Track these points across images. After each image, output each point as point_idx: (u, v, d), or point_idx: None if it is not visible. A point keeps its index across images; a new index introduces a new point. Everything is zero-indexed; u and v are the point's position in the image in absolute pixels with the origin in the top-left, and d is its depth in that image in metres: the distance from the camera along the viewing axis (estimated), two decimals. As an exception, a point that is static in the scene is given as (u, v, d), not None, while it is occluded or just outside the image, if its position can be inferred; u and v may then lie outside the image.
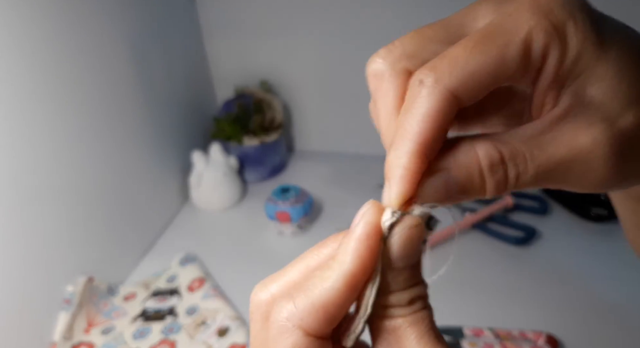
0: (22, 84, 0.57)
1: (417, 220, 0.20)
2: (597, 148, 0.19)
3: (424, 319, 0.20)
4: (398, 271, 0.20)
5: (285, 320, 0.20)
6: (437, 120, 0.19)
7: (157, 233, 0.87)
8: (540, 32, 0.19)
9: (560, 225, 0.83)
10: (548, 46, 0.19)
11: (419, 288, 0.21)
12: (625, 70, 0.20)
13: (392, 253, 0.20)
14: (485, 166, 0.20)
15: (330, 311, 0.19)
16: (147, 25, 0.81)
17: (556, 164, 0.20)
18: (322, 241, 0.23)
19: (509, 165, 0.20)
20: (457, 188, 0.20)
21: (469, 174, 0.20)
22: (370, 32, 0.91)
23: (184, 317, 0.70)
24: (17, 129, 0.57)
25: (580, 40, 0.19)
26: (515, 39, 0.19)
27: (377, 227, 0.20)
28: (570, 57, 0.20)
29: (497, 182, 0.20)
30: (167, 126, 0.89)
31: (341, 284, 0.19)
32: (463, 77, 0.19)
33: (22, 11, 0.56)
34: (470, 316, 0.67)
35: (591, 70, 0.20)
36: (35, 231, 0.61)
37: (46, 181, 0.62)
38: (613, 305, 0.68)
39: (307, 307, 0.19)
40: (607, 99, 0.20)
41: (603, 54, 0.20)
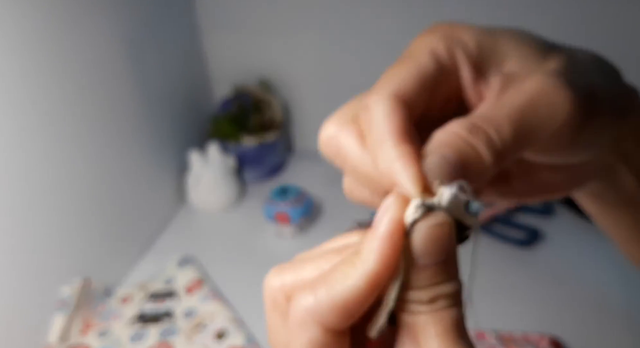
0: (15, 83, 0.56)
1: (442, 217, 0.19)
2: (545, 86, 0.22)
3: (445, 318, 0.20)
4: (420, 269, 0.20)
5: (305, 313, 0.20)
6: (398, 114, 0.21)
7: (154, 234, 0.86)
8: (439, 43, 0.23)
9: (564, 227, 0.82)
10: (450, 47, 0.23)
11: (445, 286, 0.20)
12: (521, 41, 0.23)
13: (415, 250, 0.19)
14: (466, 133, 0.20)
15: (350, 308, 0.19)
16: (143, 22, 0.80)
17: (522, 110, 0.21)
18: (344, 235, 0.23)
19: (484, 127, 0.21)
20: (457, 161, 0.20)
21: (456, 146, 0.20)
22: (369, 31, 0.91)
23: (182, 319, 0.69)
24: (10, 130, 0.56)
25: (471, 34, 0.23)
26: (423, 52, 0.23)
27: (400, 223, 0.19)
28: (472, 47, 0.23)
29: (485, 143, 0.20)
30: (163, 125, 0.88)
31: (363, 283, 0.19)
32: (397, 84, 0.22)
33: (16, 9, 0.55)
34: (473, 318, 0.66)
35: (497, 52, 0.23)
36: (31, 233, 0.60)
37: (41, 182, 0.61)
38: (617, 308, 0.67)
39: (328, 302, 0.19)
40: (524, 65, 0.23)
41: (496, 37, 0.23)
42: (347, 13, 0.90)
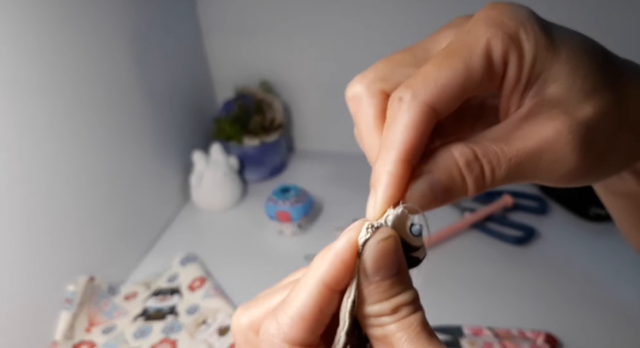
0: (23, 85, 0.56)
1: (387, 232, 0.21)
2: (561, 138, 0.21)
3: (412, 323, 0.21)
4: (377, 284, 0.21)
5: (272, 337, 0.21)
6: (418, 130, 0.21)
7: (158, 233, 0.87)
8: (498, 42, 0.21)
9: (559, 225, 0.82)
10: (506, 52, 0.21)
11: (403, 296, 0.21)
12: (577, 67, 0.22)
13: (366, 268, 0.20)
14: (463, 164, 0.21)
15: (308, 319, 0.20)
16: (147, 26, 0.80)
17: (525, 157, 0.21)
18: (300, 270, 0.24)
19: (483, 162, 0.21)
20: (442, 188, 0.21)
21: (450, 174, 0.21)
22: (370, 33, 0.91)
23: (185, 316, 0.70)
24: (19, 129, 0.56)
25: (533, 44, 0.21)
26: (477, 51, 0.21)
27: (354, 243, 0.21)
28: (527, 60, 0.21)
29: (475, 178, 0.21)
30: (168, 126, 0.88)
31: (313, 291, 0.20)
32: (436, 90, 0.21)
33: (23, 12, 0.56)
34: (470, 315, 0.67)
35: (548, 71, 0.22)
36: (37, 231, 0.60)
37: (48, 181, 0.61)
38: (612, 304, 0.67)
39: (287, 321, 0.20)
40: (565, 95, 0.21)
41: (556, 55, 0.21)
42: (347, 16, 0.91)
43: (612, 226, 0.80)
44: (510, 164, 0.21)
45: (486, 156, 0.21)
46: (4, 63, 0.54)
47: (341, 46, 0.94)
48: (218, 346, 0.64)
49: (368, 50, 0.93)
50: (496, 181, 0.21)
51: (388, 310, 0.21)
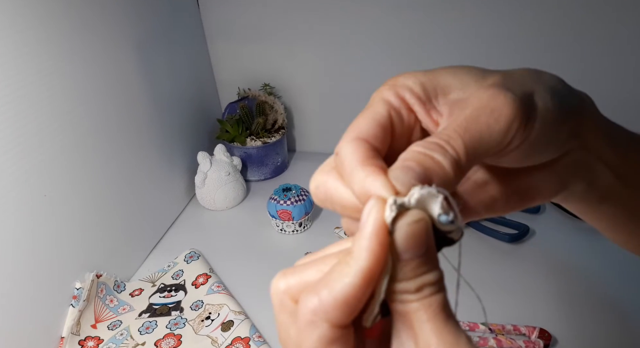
0: (33, 85, 0.56)
1: (418, 214, 0.21)
2: (484, 96, 0.24)
3: (433, 304, 0.21)
4: (405, 262, 0.21)
5: (311, 313, 0.21)
6: (362, 149, 0.23)
7: (164, 231, 0.86)
8: (387, 91, 0.26)
9: (553, 223, 0.82)
10: (397, 92, 0.26)
11: (428, 275, 0.21)
12: (456, 73, 0.26)
13: (398, 247, 0.21)
14: (423, 149, 0.22)
15: (351, 304, 0.21)
16: (152, 33, 0.80)
17: (467, 121, 0.23)
18: (337, 242, 0.25)
19: (439, 142, 0.22)
20: (420, 169, 0.22)
21: (418, 158, 0.22)
22: (369, 37, 0.91)
23: (189, 311, 0.69)
24: (29, 128, 0.56)
25: (414, 79, 0.26)
26: (377, 101, 0.26)
27: (383, 223, 0.21)
28: (417, 88, 0.25)
29: (443, 154, 0.22)
30: (173, 128, 0.88)
31: (359, 279, 0.21)
32: (358, 130, 0.24)
33: (32, 22, 0.55)
34: (466, 311, 0.66)
35: (438, 86, 0.26)
36: (45, 229, 0.60)
37: (58, 181, 0.61)
38: (604, 300, 0.67)
39: (330, 301, 0.21)
40: (465, 89, 0.25)
41: (435, 76, 0.26)
42: (347, 21, 0.90)
43: (604, 224, 0.80)
44: (459, 132, 0.23)
45: (438, 139, 0.23)
46: (15, 71, 0.53)
47: (341, 50, 0.94)
48: (221, 341, 0.64)
49: (367, 54, 0.92)
50: (459, 150, 0.22)
51: (412, 289, 0.21)
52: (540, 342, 0.60)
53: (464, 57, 0.88)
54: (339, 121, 1.03)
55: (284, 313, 0.23)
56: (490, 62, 0.87)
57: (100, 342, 0.65)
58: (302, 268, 0.24)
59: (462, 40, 0.86)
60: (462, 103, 0.24)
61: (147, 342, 0.65)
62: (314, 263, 0.24)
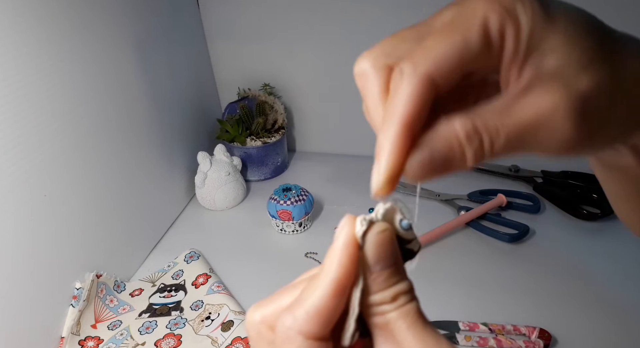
0: (33, 85, 0.56)
1: (383, 225, 0.22)
2: (558, 109, 0.21)
3: (410, 311, 0.22)
4: (377, 274, 0.22)
5: (287, 329, 0.22)
6: (418, 101, 0.21)
7: (164, 231, 0.86)
8: (494, 15, 0.21)
9: (552, 223, 0.82)
10: (503, 25, 0.21)
11: (401, 285, 0.22)
12: (574, 39, 0.21)
13: (368, 259, 0.22)
14: (463, 136, 0.21)
15: (323, 315, 0.21)
16: (152, 34, 0.80)
17: (523, 129, 0.21)
18: (307, 271, 0.26)
19: (483, 134, 0.21)
20: (441, 159, 0.21)
21: (450, 145, 0.21)
22: (369, 37, 0.90)
23: (189, 311, 0.69)
24: (29, 128, 0.56)
25: (530, 17, 0.21)
26: (474, 24, 0.21)
27: (353, 237, 0.22)
28: (524, 32, 0.21)
29: (475, 150, 0.21)
30: (173, 128, 0.88)
31: (329, 290, 0.21)
32: (435, 62, 0.21)
33: (32, 23, 0.55)
34: (466, 311, 0.66)
35: (545, 42, 0.21)
36: (46, 229, 0.60)
37: (57, 180, 0.61)
38: (605, 300, 0.67)
39: (303, 314, 0.21)
40: (562, 66, 0.21)
41: (553, 28, 0.21)
42: (346, 21, 0.90)
43: (605, 224, 0.80)
44: (508, 136, 0.21)
45: (486, 128, 0.21)
46: (15, 71, 0.53)
47: (341, 50, 0.93)
48: (221, 341, 0.63)
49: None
50: (495, 152, 0.21)
51: (388, 298, 0.22)
52: (540, 342, 0.60)
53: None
54: (339, 121, 1.03)
55: (262, 343, 0.24)
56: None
57: (100, 342, 0.64)
58: (275, 297, 0.25)
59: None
60: (541, 90, 0.21)
61: (147, 342, 0.64)
62: (286, 290, 0.25)
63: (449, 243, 0.79)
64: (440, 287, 0.70)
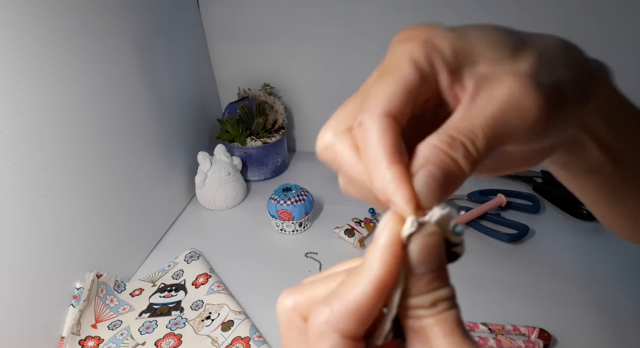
0: (33, 85, 0.56)
1: (433, 227, 0.21)
2: (514, 92, 0.22)
3: (448, 319, 0.21)
4: (419, 277, 0.21)
5: (323, 324, 0.21)
6: (390, 134, 0.22)
7: (164, 231, 0.86)
8: (417, 49, 0.23)
9: (552, 223, 0.82)
10: (428, 55, 0.23)
11: (442, 291, 0.21)
12: (490, 43, 0.23)
13: (412, 260, 0.21)
14: (445, 147, 0.21)
15: (363, 314, 0.20)
16: (153, 34, 0.80)
17: (495, 119, 0.22)
18: (344, 262, 0.25)
19: (462, 139, 0.22)
20: (441, 175, 0.21)
21: (439, 159, 0.21)
22: (368, 38, 0.90)
23: (189, 311, 0.69)
24: (29, 128, 0.56)
25: (447, 41, 0.23)
26: (404, 61, 0.23)
27: (398, 236, 0.21)
28: (448, 54, 0.23)
29: (463, 155, 0.22)
30: (174, 128, 0.88)
31: (371, 289, 0.20)
32: (386, 101, 0.22)
33: (32, 24, 0.55)
34: (466, 311, 0.66)
35: (470, 56, 0.23)
36: (46, 229, 0.60)
37: (57, 180, 0.61)
38: (603, 300, 0.67)
39: (342, 311, 0.20)
40: (496, 64, 0.23)
41: (468, 41, 0.23)
42: (345, 22, 0.90)
43: (604, 224, 0.80)
44: (484, 131, 0.22)
45: (461, 133, 0.22)
46: (15, 71, 0.53)
47: (341, 50, 0.93)
48: (221, 341, 0.63)
49: (367, 54, 0.92)
50: (481, 151, 0.22)
51: (427, 303, 0.21)
52: (540, 342, 0.60)
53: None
54: (339, 121, 1.02)
55: (293, 331, 0.23)
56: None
57: (101, 342, 0.64)
58: (309, 286, 0.24)
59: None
60: (491, 90, 0.23)
61: (147, 342, 0.64)
62: (321, 281, 0.24)
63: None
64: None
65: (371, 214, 0.85)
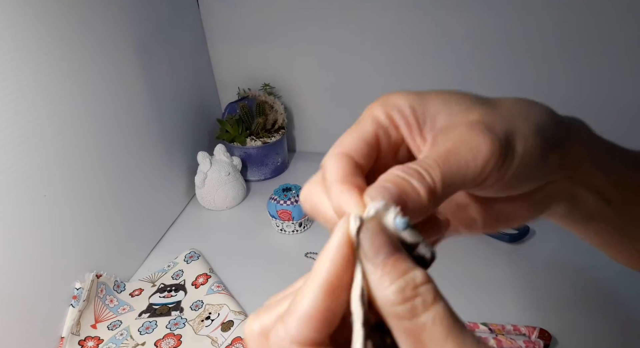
0: (33, 85, 0.56)
1: (372, 215, 0.21)
2: (466, 131, 0.25)
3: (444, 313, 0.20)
4: (382, 264, 0.20)
5: (280, 340, 0.20)
6: (341, 165, 0.24)
7: (164, 231, 0.86)
8: (379, 109, 0.27)
9: (552, 223, 0.81)
10: (388, 113, 0.26)
11: (414, 273, 0.20)
12: (446, 101, 0.27)
13: (367, 252, 0.20)
14: (402, 173, 0.23)
15: (315, 317, 0.20)
16: (153, 35, 0.80)
17: (447, 153, 0.24)
18: (304, 275, 0.24)
19: (418, 169, 0.23)
20: (396, 191, 0.22)
21: (396, 181, 0.23)
22: (368, 38, 0.90)
23: (189, 311, 0.69)
24: (29, 128, 0.56)
25: (405, 101, 0.26)
26: (366, 117, 0.27)
27: (347, 237, 0.21)
28: (407, 111, 0.26)
29: (419, 181, 0.23)
30: (174, 128, 0.88)
31: (318, 289, 0.20)
32: (343, 145, 0.26)
33: (34, 27, 0.55)
34: (466, 311, 0.66)
35: (428, 112, 0.26)
36: (46, 229, 0.60)
37: (57, 180, 0.61)
38: (604, 300, 0.67)
39: (294, 322, 0.20)
40: (451, 117, 0.26)
41: (425, 101, 0.27)
42: (345, 22, 0.90)
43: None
44: (438, 163, 0.24)
45: (418, 166, 0.24)
46: (15, 71, 0.53)
47: (341, 50, 0.93)
48: (221, 341, 0.63)
49: (367, 54, 0.92)
50: (436, 180, 0.23)
51: (407, 289, 0.20)
52: (540, 342, 0.60)
53: (464, 58, 0.88)
54: (339, 121, 1.02)
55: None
56: (489, 63, 0.87)
57: (100, 342, 0.64)
58: (274, 305, 0.24)
59: (463, 43, 0.86)
60: (445, 134, 0.25)
61: (147, 342, 0.64)
62: (286, 298, 0.24)
63: (448, 243, 0.79)
64: (440, 287, 0.70)
65: (371, 215, 0.85)
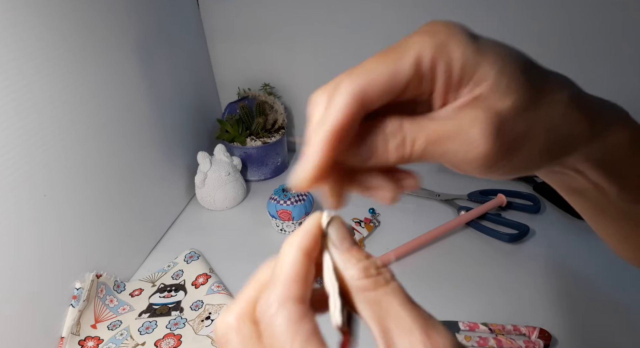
0: (33, 85, 0.56)
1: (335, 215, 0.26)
2: (475, 123, 0.23)
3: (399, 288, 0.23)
4: (349, 249, 0.24)
5: (272, 302, 0.22)
6: (348, 112, 0.23)
7: (164, 231, 0.86)
8: (427, 51, 0.23)
9: (552, 223, 0.82)
10: (435, 60, 0.23)
11: (372, 258, 0.24)
12: (503, 69, 0.23)
13: (335, 239, 0.25)
14: (390, 135, 0.24)
15: (299, 276, 0.23)
16: (153, 34, 0.80)
17: (439, 137, 0.23)
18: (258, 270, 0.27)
19: (407, 132, 0.24)
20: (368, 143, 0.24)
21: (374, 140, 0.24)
22: (368, 38, 0.90)
23: (189, 311, 0.69)
24: (29, 128, 0.56)
25: (462, 51, 0.23)
26: (408, 55, 0.23)
27: (317, 223, 0.25)
28: (456, 66, 0.23)
29: (396, 146, 0.24)
30: (173, 128, 0.88)
31: (295, 255, 0.24)
32: (367, 81, 0.23)
33: (34, 25, 0.55)
34: (466, 311, 0.66)
35: (478, 73, 0.23)
36: (46, 229, 0.60)
37: (57, 180, 0.61)
38: (603, 300, 0.67)
39: (281, 283, 0.23)
40: (491, 92, 0.23)
41: (483, 59, 0.23)
42: (346, 20, 0.90)
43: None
44: (427, 139, 0.24)
45: (410, 128, 0.24)
46: (15, 71, 0.53)
47: (341, 50, 0.94)
48: (221, 341, 0.64)
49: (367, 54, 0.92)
50: (415, 151, 0.24)
51: (371, 267, 0.23)
52: (540, 342, 0.60)
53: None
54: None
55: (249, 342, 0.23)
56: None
57: (100, 342, 0.65)
58: (239, 297, 0.25)
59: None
60: (465, 108, 0.24)
61: (147, 342, 0.64)
62: (248, 288, 0.26)
63: (449, 243, 0.79)
64: (440, 287, 0.70)
65: (371, 214, 0.85)
